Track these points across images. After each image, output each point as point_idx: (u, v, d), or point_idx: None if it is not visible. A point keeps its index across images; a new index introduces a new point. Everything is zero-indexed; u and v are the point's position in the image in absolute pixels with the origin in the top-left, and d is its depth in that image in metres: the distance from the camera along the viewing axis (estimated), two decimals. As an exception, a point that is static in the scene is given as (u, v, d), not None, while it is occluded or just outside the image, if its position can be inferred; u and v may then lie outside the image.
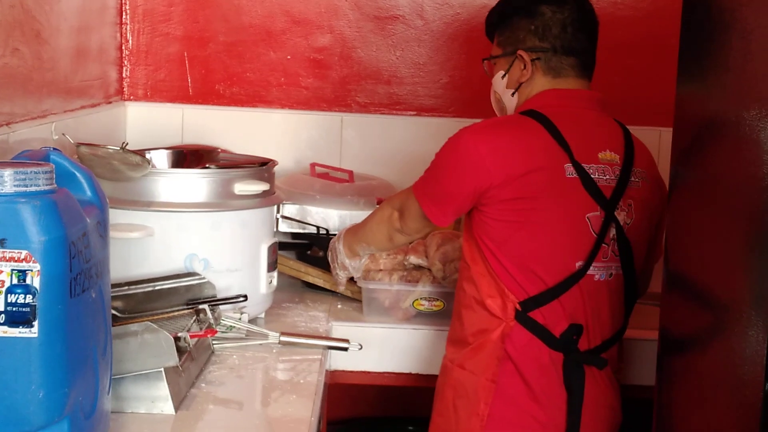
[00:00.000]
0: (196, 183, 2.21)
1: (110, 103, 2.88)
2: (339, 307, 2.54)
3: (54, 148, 1.45)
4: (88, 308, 1.37)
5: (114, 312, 1.92)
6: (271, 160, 2.42)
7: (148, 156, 2.26)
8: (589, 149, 2.07)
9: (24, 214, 1.26)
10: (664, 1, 2.98)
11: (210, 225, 2.21)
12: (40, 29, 2.22)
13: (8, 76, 2.04)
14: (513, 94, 2.20)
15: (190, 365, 1.87)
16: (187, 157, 2.55)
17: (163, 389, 1.70)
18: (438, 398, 2.16)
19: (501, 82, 2.23)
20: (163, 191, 2.18)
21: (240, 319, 2.16)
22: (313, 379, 1.96)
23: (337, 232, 2.51)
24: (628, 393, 2.18)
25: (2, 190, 1.26)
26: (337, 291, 2.56)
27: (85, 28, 2.62)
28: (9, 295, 1.27)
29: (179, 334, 1.85)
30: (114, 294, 1.84)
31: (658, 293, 1.75)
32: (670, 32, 1.93)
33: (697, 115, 1.61)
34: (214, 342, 2.07)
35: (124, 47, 3.01)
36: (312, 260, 2.69)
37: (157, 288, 2.09)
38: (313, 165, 2.90)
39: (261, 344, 2.13)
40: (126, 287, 2.06)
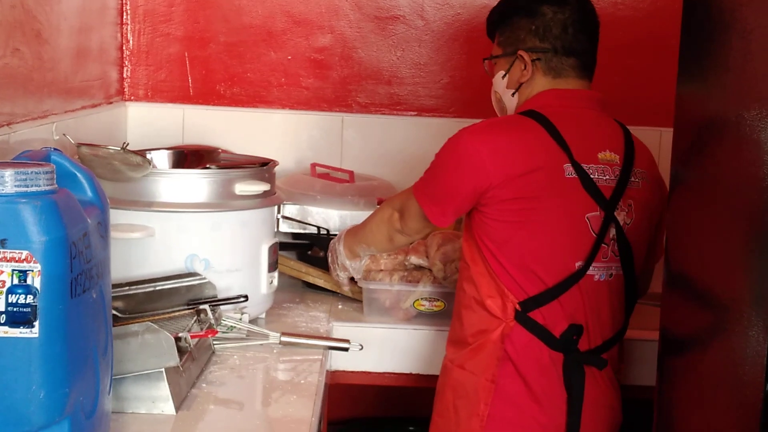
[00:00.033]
0: (197, 183, 2.21)
1: (111, 103, 2.88)
2: (340, 307, 2.54)
3: (55, 149, 1.45)
4: (89, 308, 1.37)
5: (115, 312, 1.92)
6: (272, 161, 2.42)
7: (148, 156, 2.26)
8: (589, 149, 2.07)
9: (25, 214, 1.26)
10: (664, 2, 2.98)
11: (211, 225, 2.21)
12: (41, 29, 2.22)
13: (9, 76, 2.04)
14: (513, 94, 2.20)
15: (191, 365, 1.87)
16: (188, 157, 2.55)
17: (163, 389, 1.70)
18: (438, 398, 2.17)
19: (501, 82, 2.23)
20: (164, 191, 2.18)
21: (241, 320, 2.16)
22: (314, 380, 1.96)
23: (337, 233, 2.51)
24: (629, 393, 2.18)
25: (3, 190, 1.26)
26: (341, 292, 2.56)
27: (86, 29, 2.62)
28: (10, 296, 1.27)
29: (180, 335, 1.85)
30: (115, 294, 1.84)
31: (659, 293, 1.75)
32: (670, 32, 1.93)
33: (698, 115, 1.61)
34: (214, 342, 2.08)
35: (124, 47, 3.01)
36: (312, 260, 2.68)
37: (157, 288, 2.09)
38: (313, 165, 2.90)
39: (262, 344, 2.13)
40: (127, 287, 2.06)
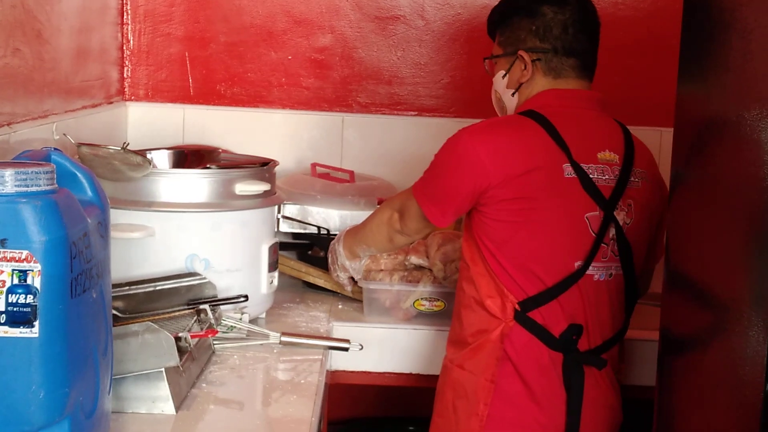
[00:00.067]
0: (197, 183, 2.21)
1: (111, 103, 2.88)
2: (340, 307, 2.54)
3: (55, 149, 1.45)
4: (89, 308, 1.37)
5: (115, 312, 1.92)
6: (272, 161, 2.42)
7: (149, 156, 2.26)
8: (588, 149, 2.07)
9: (25, 214, 1.26)
10: (664, 2, 2.98)
11: (211, 225, 2.21)
12: (41, 29, 2.22)
13: (9, 76, 2.04)
14: (513, 94, 2.20)
15: (191, 365, 1.87)
16: (188, 157, 2.55)
17: (163, 389, 1.70)
18: (438, 398, 2.17)
19: (501, 81, 2.23)
20: (164, 191, 2.18)
21: (241, 320, 2.16)
22: (314, 380, 1.96)
23: (337, 233, 2.51)
24: (629, 393, 2.18)
25: (3, 190, 1.26)
26: (342, 292, 2.56)
27: (86, 28, 2.62)
28: (10, 295, 1.27)
29: (180, 334, 1.85)
30: (115, 294, 1.84)
31: (659, 293, 1.75)
32: (671, 32, 1.93)
33: (698, 115, 1.61)
34: (214, 342, 2.08)
35: (125, 47, 3.01)
36: (313, 260, 2.68)
37: (158, 288, 2.09)
38: (313, 165, 2.90)
39: (262, 344, 2.13)
40: (127, 287, 2.06)
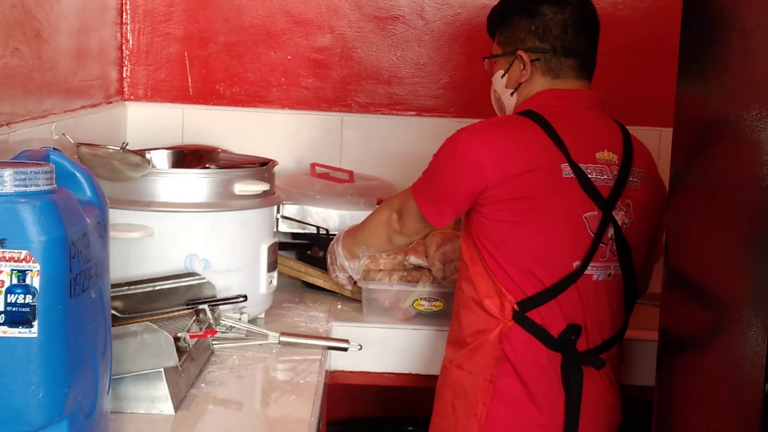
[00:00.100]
0: (196, 183, 2.21)
1: (110, 103, 2.88)
2: (339, 307, 2.54)
3: (54, 148, 1.45)
4: (88, 308, 1.37)
5: (114, 312, 1.92)
6: (271, 161, 2.42)
7: (148, 156, 2.26)
8: (587, 149, 2.07)
9: (24, 214, 1.26)
10: (664, 2, 2.98)
11: (210, 225, 2.21)
12: (41, 29, 2.22)
13: (8, 75, 2.03)
14: (512, 94, 2.20)
15: (190, 365, 1.86)
16: (187, 157, 2.55)
17: (162, 389, 1.70)
18: (437, 399, 2.16)
19: (501, 81, 2.22)
20: (163, 191, 2.18)
21: (240, 320, 2.16)
22: (313, 380, 1.96)
23: (336, 233, 2.51)
24: (628, 393, 2.18)
25: (2, 190, 1.26)
26: (341, 292, 2.56)
27: (86, 28, 2.62)
28: (9, 295, 1.26)
29: (179, 335, 1.84)
30: (114, 294, 1.84)
31: (659, 293, 1.75)
32: (670, 32, 1.93)
33: (697, 115, 1.61)
34: (213, 342, 2.07)
35: (124, 47, 3.01)
36: (312, 260, 2.68)
37: (156, 288, 2.09)
38: (313, 165, 2.89)
39: (261, 344, 2.13)
40: (126, 287, 2.06)
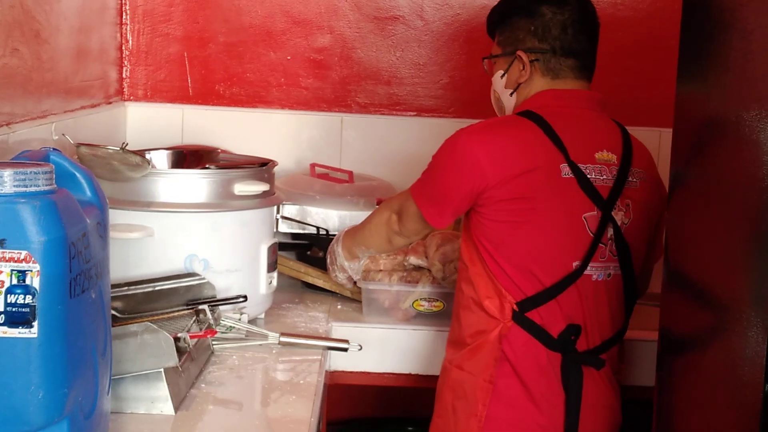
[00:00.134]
0: (196, 183, 2.21)
1: (110, 103, 2.88)
2: (339, 307, 2.54)
3: (54, 149, 1.45)
4: (88, 309, 1.37)
5: (114, 312, 1.91)
6: (271, 161, 2.42)
7: (147, 156, 2.26)
8: (586, 149, 2.07)
9: (24, 214, 1.26)
10: (664, 2, 2.98)
11: (210, 225, 2.21)
12: (40, 29, 2.22)
13: (8, 76, 2.03)
14: (512, 94, 2.20)
15: (190, 366, 1.86)
16: (187, 157, 2.55)
17: (162, 390, 1.70)
18: (438, 399, 2.16)
19: (500, 81, 2.22)
20: (163, 192, 2.18)
21: (240, 320, 2.16)
22: (313, 380, 1.96)
23: (336, 233, 2.51)
24: (629, 393, 2.18)
25: (2, 190, 1.26)
26: (341, 293, 2.56)
27: (85, 28, 2.62)
28: (9, 296, 1.26)
29: (179, 335, 1.84)
30: (114, 294, 1.84)
31: (659, 293, 1.75)
32: (670, 33, 1.93)
33: (697, 115, 1.61)
34: (213, 342, 2.07)
35: (124, 47, 3.01)
36: (312, 261, 2.68)
37: (156, 288, 2.09)
38: (313, 165, 2.89)
39: (261, 345, 2.13)
40: (126, 288, 2.06)
